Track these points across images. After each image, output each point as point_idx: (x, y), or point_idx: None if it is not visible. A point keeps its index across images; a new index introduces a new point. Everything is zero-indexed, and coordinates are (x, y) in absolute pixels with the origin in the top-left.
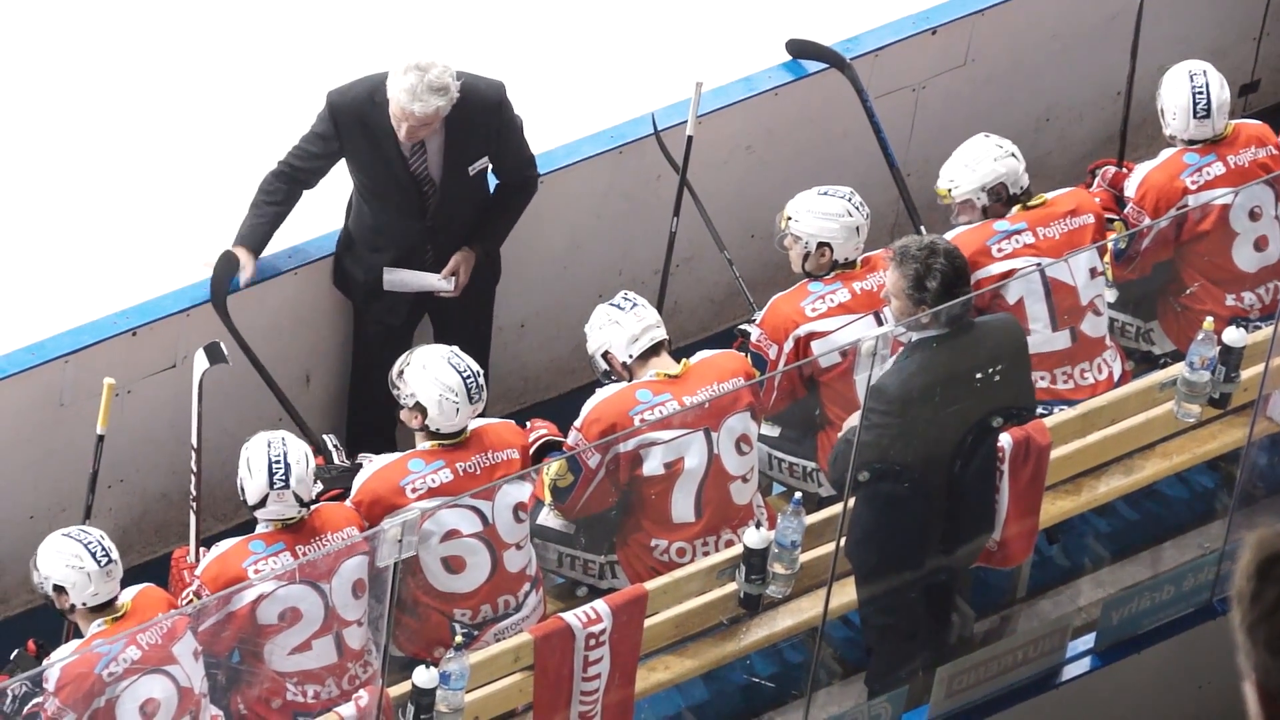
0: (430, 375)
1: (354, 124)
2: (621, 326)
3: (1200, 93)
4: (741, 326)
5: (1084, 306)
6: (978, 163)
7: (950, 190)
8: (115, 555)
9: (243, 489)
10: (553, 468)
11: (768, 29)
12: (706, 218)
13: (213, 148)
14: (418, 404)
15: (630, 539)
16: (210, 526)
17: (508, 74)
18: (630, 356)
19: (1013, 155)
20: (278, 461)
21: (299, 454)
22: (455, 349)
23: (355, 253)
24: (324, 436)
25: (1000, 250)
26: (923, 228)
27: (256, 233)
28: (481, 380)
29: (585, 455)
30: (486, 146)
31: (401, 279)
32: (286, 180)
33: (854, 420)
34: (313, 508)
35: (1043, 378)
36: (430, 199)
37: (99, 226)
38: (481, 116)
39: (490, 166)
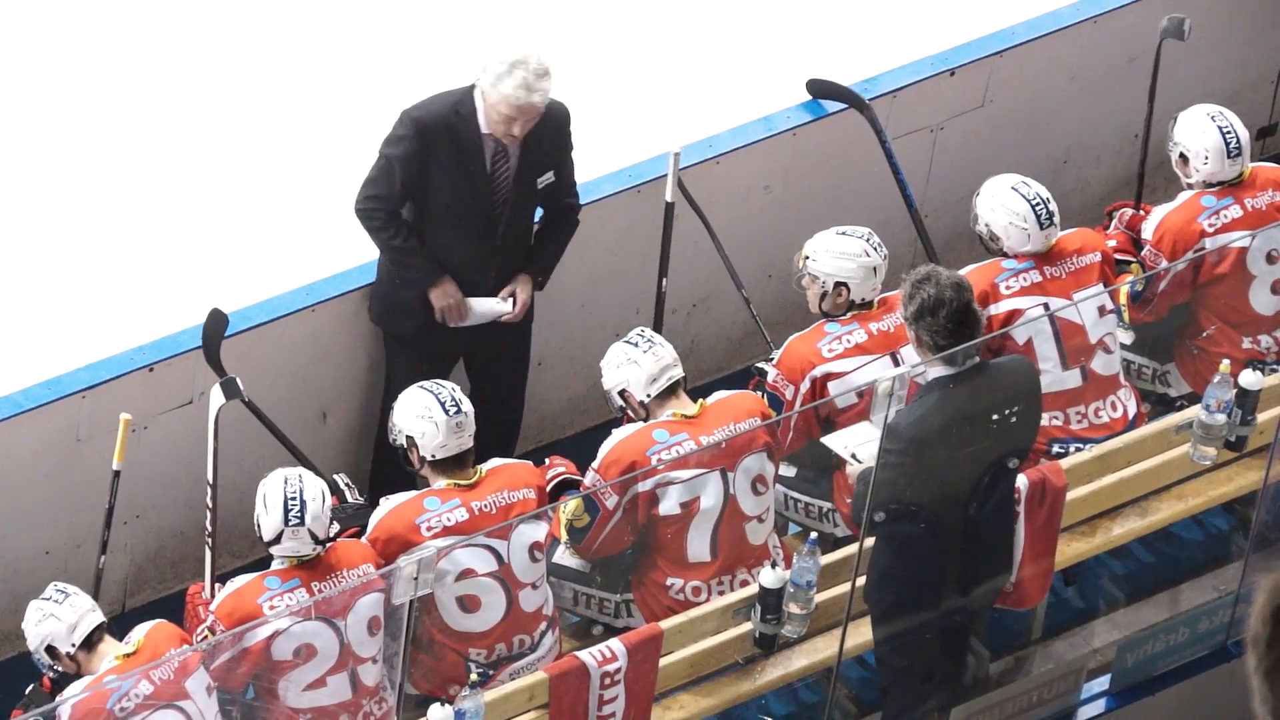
0: (404, 405)
1: (441, 137)
2: (640, 366)
3: (1229, 132)
4: (758, 366)
5: (1094, 345)
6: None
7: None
8: (72, 590)
9: (259, 525)
10: (569, 507)
11: (787, 69)
12: (724, 256)
13: (233, 185)
14: (408, 438)
15: (646, 578)
16: (226, 563)
17: None
18: (648, 396)
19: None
20: (293, 498)
21: (315, 491)
22: (437, 380)
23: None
24: (335, 476)
25: (1008, 288)
26: (940, 269)
27: (428, 262)
28: (461, 402)
29: (602, 496)
30: (552, 161)
31: (473, 309)
32: (388, 213)
33: (855, 466)
34: (328, 545)
35: (1055, 417)
36: (502, 214)
37: (117, 262)
38: (551, 130)
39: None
